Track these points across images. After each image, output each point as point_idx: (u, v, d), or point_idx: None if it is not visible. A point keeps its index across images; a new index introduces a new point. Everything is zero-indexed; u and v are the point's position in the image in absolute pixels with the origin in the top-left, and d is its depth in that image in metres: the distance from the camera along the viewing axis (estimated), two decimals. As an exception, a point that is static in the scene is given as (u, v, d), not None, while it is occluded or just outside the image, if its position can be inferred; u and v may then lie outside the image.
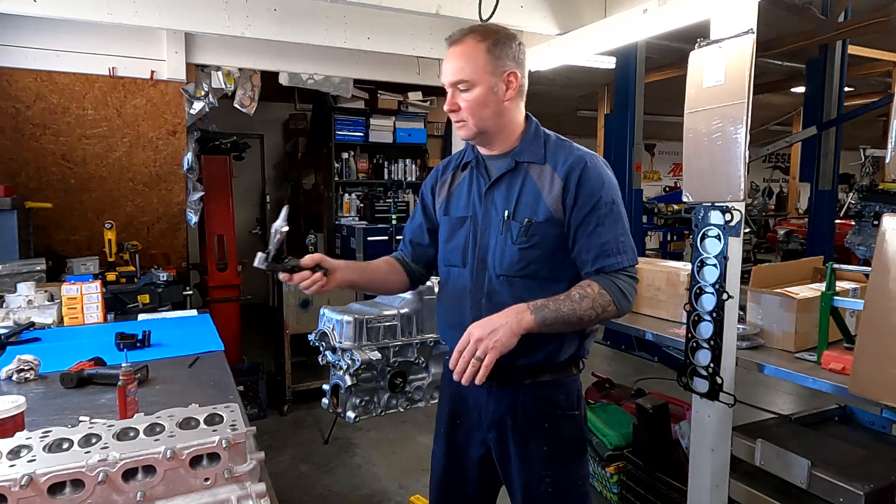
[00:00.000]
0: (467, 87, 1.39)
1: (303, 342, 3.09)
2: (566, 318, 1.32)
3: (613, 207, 1.40)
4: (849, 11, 5.33)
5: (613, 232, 1.39)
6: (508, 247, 1.42)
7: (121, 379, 1.43)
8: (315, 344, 2.24)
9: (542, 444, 1.48)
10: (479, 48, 1.38)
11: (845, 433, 2.39)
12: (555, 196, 1.39)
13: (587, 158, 1.42)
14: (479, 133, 1.44)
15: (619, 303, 1.36)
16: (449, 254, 1.56)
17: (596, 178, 1.40)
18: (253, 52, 3.76)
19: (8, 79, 3.28)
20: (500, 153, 1.48)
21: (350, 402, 2.14)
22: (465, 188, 1.55)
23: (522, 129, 1.49)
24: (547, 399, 1.48)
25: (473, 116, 1.41)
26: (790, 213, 10.35)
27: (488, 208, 1.47)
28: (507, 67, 1.39)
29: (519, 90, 1.44)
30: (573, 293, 1.34)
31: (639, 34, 2.63)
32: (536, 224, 1.40)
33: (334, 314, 2.18)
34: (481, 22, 1.46)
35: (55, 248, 3.55)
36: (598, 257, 1.38)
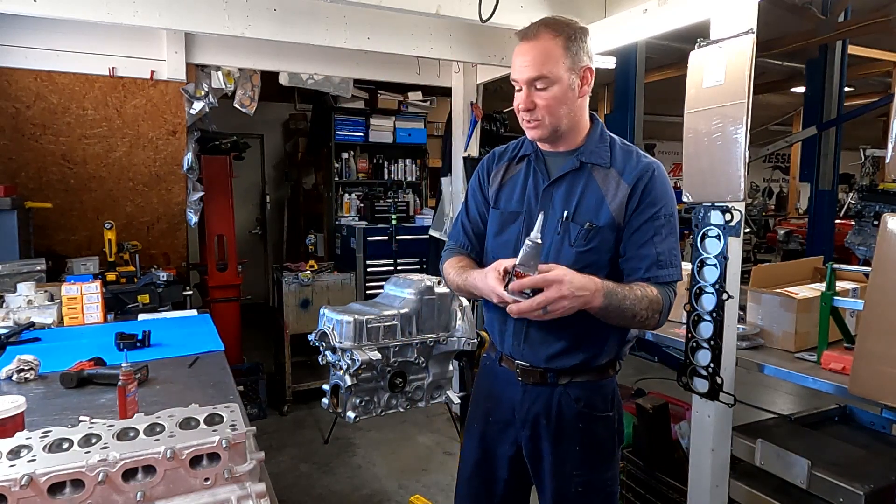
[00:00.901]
0: (546, 84, 1.34)
1: (303, 342, 3.09)
2: (623, 313, 1.30)
3: (671, 220, 1.39)
4: (849, 11, 5.33)
5: (668, 244, 1.37)
6: (565, 248, 1.39)
7: (121, 379, 1.43)
8: (315, 344, 2.24)
9: (576, 444, 1.47)
10: (557, 44, 1.34)
11: (845, 433, 2.39)
12: (619, 202, 1.37)
13: (654, 167, 1.40)
14: (553, 131, 1.39)
15: (664, 313, 1.36)
16: (499, 248, 1.50)
17: (661, 188, 1.38)
18: (253, 52, 3.76)
19: (8, 79, 3.27)
20: (564, 151, 1.45)
21: (350, 402, 2.14)
22: (519, 182, 1.50)
23: (588, 129, 1.45)
24: (583, 400, 1.46)
25: (551, 115, 1.37)
26: (790, 213, 10.35)
27: (546, 207, 1.42)
28: (584, 63, 1.36)
29: (588, 88, 1.40)
30: (636, 290, 1.31)
31: (639, 34, 2.63)
32: (597, 229, 1.37)
33: (334, 314, 2.18)
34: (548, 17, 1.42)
35: (55, 248, 3.55)
36: (651, 266, 1.36)
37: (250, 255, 6.47)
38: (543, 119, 1.37)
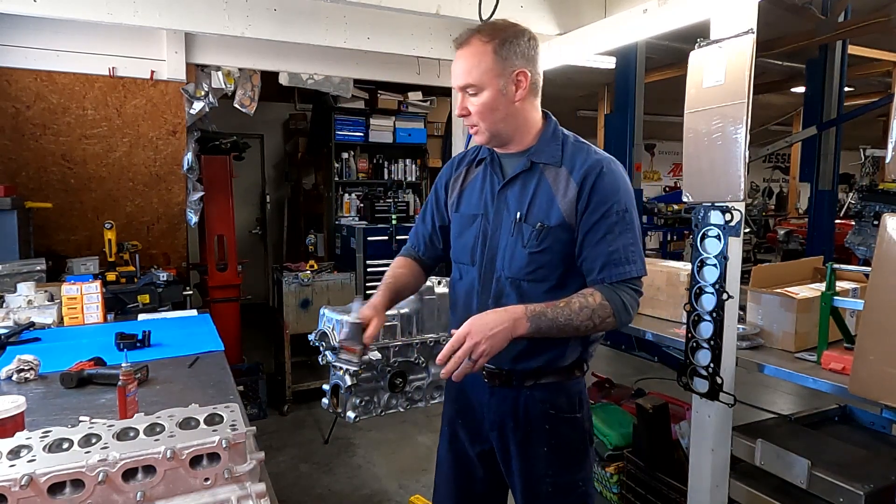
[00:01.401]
0: (476, 90, 1.35)
1: (303, 342, 3.09)
2: (561, 327, 1.29)
3: (626, 216, 1.36)
4: (849, 11, 5.33)
5: (623, 241, 1.34)
6: (518, 250, 1.40)
7: (121, 379, 1.43)
8: (315, 344, 2.24)
9: (543, 446, 1.47)
10: (486, 49, 1.33)
11: (845, 433, 2.39)
12: (569, 201, 1.36)
13: (604, 163, 1.37)
14: (494, 136, 1.41)
15: (619, 315, 1.33)
16: (459, 251, 1.53)
17: (611, 184, 1.35)
18: (253, 52, 3.76)
19: (8, 79, 3.27)
20: (517, 152, 1.45)
21: (350, 402, 2.13)
22: (478, 185, 1.52)
23: (540, 128, 1.45)
24: (548, 401, 1.46)
25: (485, 121, 1.38)
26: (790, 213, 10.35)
27: (500, 208, 1.44)
28: (516, 67, 1.34)
29: (531, 88, 1.39)
30: (573, 302, 1.31)
31: (639, 34, 2.63)
32: (549, 229, 1.37)
33: (334, 314, 2.17)
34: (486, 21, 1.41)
35: (55, 248, 3.55)
36: (605, 265, 1.34)
37: (250, 255, 6.47)
38: (479, 124, 1.39)
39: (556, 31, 2.98)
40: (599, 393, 3.59)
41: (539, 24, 2.90)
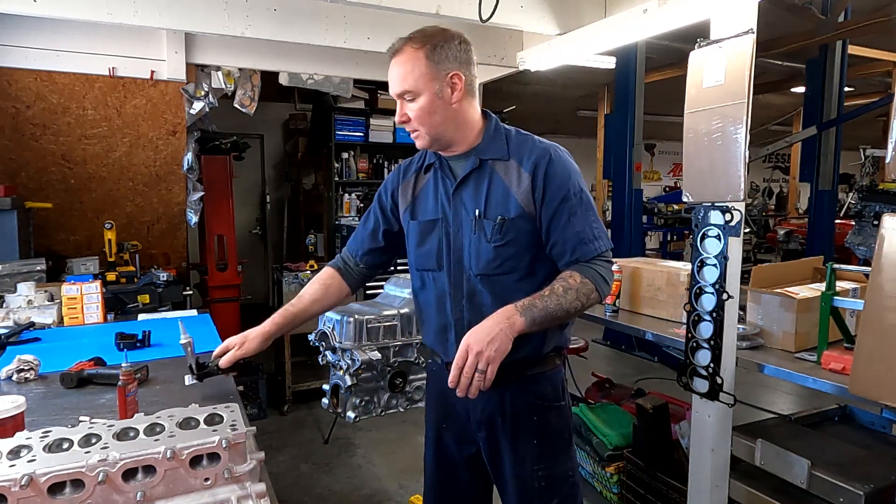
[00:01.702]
0: (412, 96, 1.38)
1: (303, 342, 3.09)
2: (554, 314, 1.32)
3: (583, 196, 1.41)
4: (849, 11, 5.33)
5: (586, 220, 1.40)
6: (483, 245, 1.42)
7: (121, 379, 1.43)
8: (315, 344, 2.24)
9: (533, 438, 1.49)
10: (419, 56, 1.36)
11: (845, 433, 2.39)
12: (524, 191, 1.39)
13: (551, 151, 1.42)
14: (435, 140, 1.43)
15: (600, 288, 1.38)
16: (422, 258, 1.54)
17: (562, 170, 1.40)
18: (253, 52, 3.76)
19: (8, 79, 3.27)
20: (462, 153, 1.47)
21: (350, 402, 2.14)
22: (430, 191, 1.53)
23: (482, 127, 1.47)
24: (535, 392, 1.49)
25: (424, 125, 1.40)
26: (790, 213, 10.36)
27: (458, 209, 1.46)
28: (450, 70, 1.37)
29: (467, 90, 1.41)
30: (556, 287, 1.34)
31: (639, 34, 2.63)
32: (509, 221, 1.40)
33: (334, 314, 2.18)
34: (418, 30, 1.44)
35: (55, 248, 3.55)
36: (575, 247, 1.38)
37: (250, 255, 6.47)
38: (419, 129, 1.41)
39: (556, 31, 2.98)
40: (599, 393, 3.59)
41: (539, 24, 2.90)
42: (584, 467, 3.07)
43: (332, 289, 1.67)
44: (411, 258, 1.59)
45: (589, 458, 3.00)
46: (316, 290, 1.66)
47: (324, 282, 1.67)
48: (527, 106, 8.89)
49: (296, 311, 1.62)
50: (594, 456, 2.95)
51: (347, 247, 1.72)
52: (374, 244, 1.67)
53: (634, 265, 2.82)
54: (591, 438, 2.97)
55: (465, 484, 1.63)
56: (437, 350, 1.59)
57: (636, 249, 5.68)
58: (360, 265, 1.70)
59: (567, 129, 11.57)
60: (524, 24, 2.86)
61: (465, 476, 1.62)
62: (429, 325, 1.59)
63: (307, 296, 1.65)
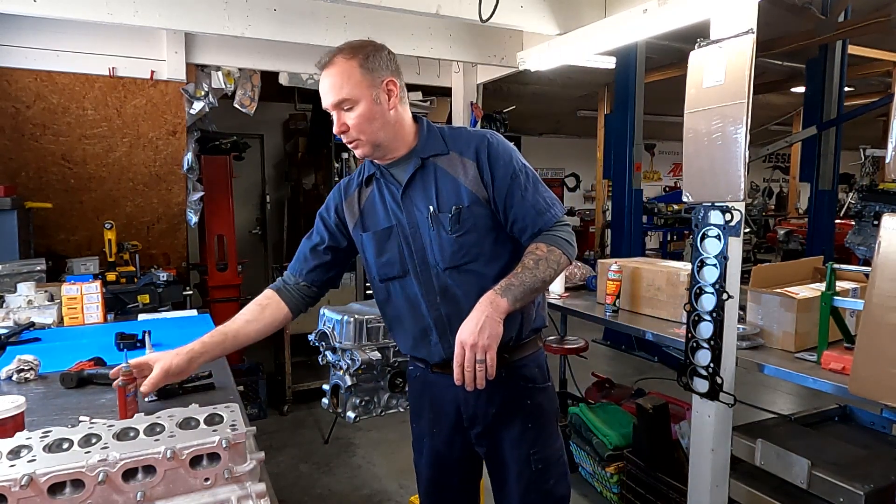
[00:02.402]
0: (350, 105, 1.39)
1: (303, 342, 3.09)
2: (532, 287, 1.35)
3: (527, 171, 1.46)
4: (849, 11, 5.32)
5: (537, 192, 1.45)
6: (445, 238, 1.44)
7: (121, 379, 1.43)
8: (315, 344, 2.24)
9: (527, 422, 1.53)
10: (352, 65, 1.38)
11: (845, 433, 2.39)
12: (472, 178, 1.43)
13: (488, 135, 1.46)
14: (376, 146, 1.44)
15: (567, 252, 1.42)
16: (384, 268, 1.53)
17: (503, 151, 1.45)
18: (253, 52, 3.75)
19: (8, 79, 3.27)
20: (402, 157, 1.48)
21: (350, 402, 2.14)
22: (377, 201, 1.53)
23: (415, 130, 1.50)
24: (524, 376, 1.54)
25: (364, 133, 1.41)
26: (790, 213, 10.36)
27: (410, 211, 1.48)
28: (384, 76, 1.40)
29: (402, 96, 1.45)
30: (527, 261, 1.37)
31: (639, 34, 2.63)
32: (465, 209, 1.43)
33: (334, 314, 2.18)
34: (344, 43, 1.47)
35: (55, 248, 3.55)
36: (535, 219, 1.43)
37: (250, 255, 6.47)
38: (360, 137, 1.41)
39: (556, 31, 2.97)
40: (599, 393, 3.59)
41: (539, 24, 2.90)
42: (584, 467, 3.07)
43: (269, 309, 1.58)
44: (372, 271, 1.57)
45: (589, 458, 3.00)
46: (252, 310, 1.58)
47: (260, 303, 1.60)
48: (527, 106, 8.89)
49: (227, 332, 1.51)
50: (594, 456, 2.95)
51: (289, 268, 1.66)
52: (319, 260, 1.62)
53: (634, 265, 2.82)
54: (591, 438, 2.96)
55: (456, 487, 1.67)
56: (420, 355, 1.58)
57: (636, 249, 5.68)
58: (301, 283, 1.63)
59: (567, 129, 11.57)
60: (524, 24, 2.85)
61: (456, 478, 1.65)
62: (405, 334, 1.58)
63: (241, 317, 1.56)
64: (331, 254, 1.63)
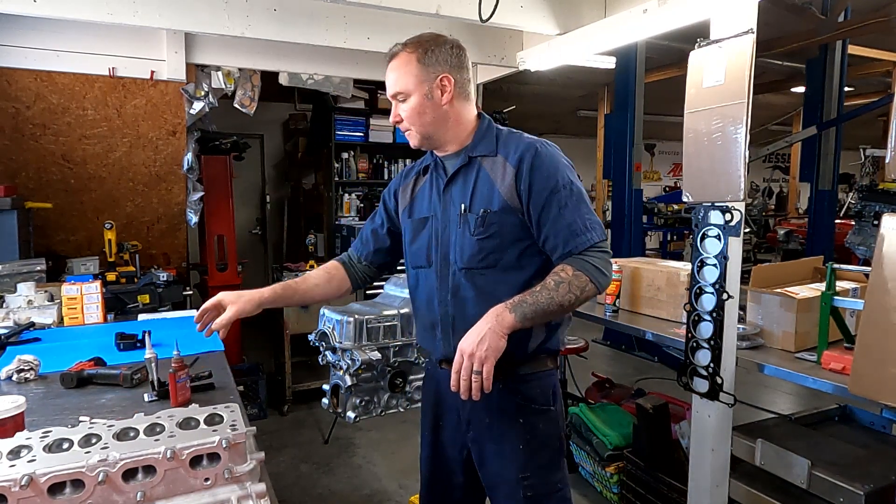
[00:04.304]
0: (404, 97, 1.44)
1: (303, 342, 3.09)
2: (546, 308, 1.31)
3: (573, 188, 1.40)
4: (849, 11, 5.32)
5: (578, 211, 1.38)
6: (467, 239, 1.44)
7: (172, 366, 1.51)
8: (315, 344, 2.24)
9: (519, 443, 1.47)
10: (411, 59, 1.42)
11: (845, 433, 2.39)
12: (508, 185, 1.40)
13: (537, 145, 1.43)
14: (426, 138, 1.48)
15: (596, 280, 1.35)
16: (414, 256, 1.57)
17: (549, 162, 1.40)
18: (253, 52, 3.76)
19: (8, 79, 3.27)
20: (454, 152, 1.50)
21: (350, 402, 2.14)
22: (426, 190, 1.57)
23: (474, 127, 1.51)
24: (521, 393, 1.48)
25: (414, 125, 1.45)
26: (790, 213, 10.36)
27: (447, 205, 1.50)
28: (440, 73, 1.42)
29: (459, 92, 1.46)
30: (548, 281, 1.33)
31: (639, 34, 2.63)
32: (492, 213, 1.41)
33: (334, 314, 2.18)
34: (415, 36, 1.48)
35: (55, 248, 3.54)
36: (567, 239, 1.37)
37: (250, 255, 6.47)
38: (410, 128, 1.47)
39: (556, 31, 2.98)
40: (599, 393, 3.59)
41: (539, 24, 2.90)
42: (584, 467, 3.07)
43: (335, 280, 1.69)
44: (406, 256, 1.62)
45: (589, 458, 3.00)
46: (320, 276, 1.69)
47: (328, 271, 1.70)
48: (527, 106, 8.90)
49: (296, 288, 1.63)
50: (594, 456, 2.95)
51: (353, 245, 1.76)
52: (379, 244, 1.71)
53: (634, 265, 2.82)
54: (591, 438, 2.96)
55: (459, 488, 1.63)
56: (427, 348, 1.62)
57: (636, 249, 5.68)
58: (363, 263, 1.72)
59: (567, 129, 11.56)
60: (524, 24, 2.86)
61: (459, 479, 1.62)
62: (419, 323, 1.62)
63: (311, 278, 1.68)
64: (389, 238, 1.69)
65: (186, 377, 1.55)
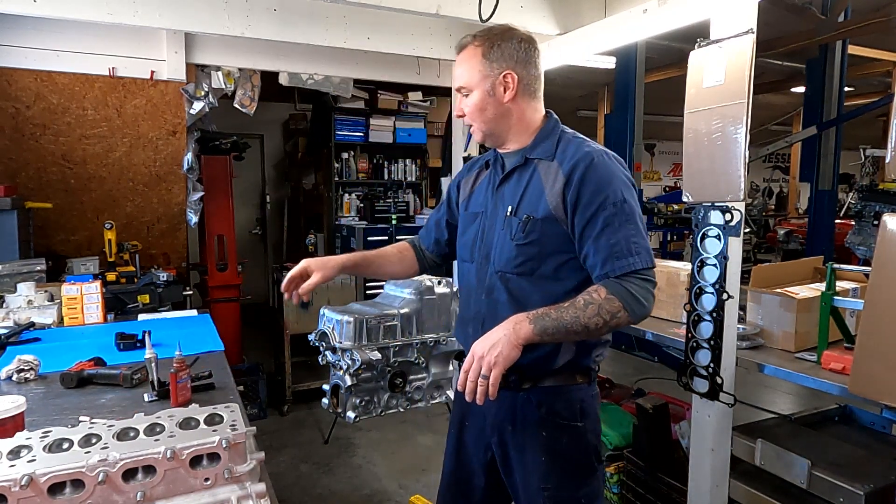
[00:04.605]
0: (467, 92, 1.42)
1: (303, 342, 3.09)
2: (569, 327, 1.26)
3: (624, 206, 1.31)
4: (849, 11, 5.32)
5: (623, 232, 1.30)
6: (507, 243, 1.41)
7: (173, 366, 1.51)
8: (315, 344, 2.24)
9: (540, 455, 1.43)
10: (476, 53, 1.39)
11: (845, 433, 2.39)
12: (556, 193, 1.35)
13: (594, 155, 1.34)
14: (488, 134, 1.46)
15: (631, 308, 1.28)
16: (461, 249, 1.58)
17: (603, 175, 1.32)
18: (253, 52, 3.76)
19: (8, 79, 3.27)
20: (514, 150, 1.47)
21: (350, 402, 2.14)
22: (484, 185, 1.55)
23: (539, 126, 1.46)
24: (545, 405, 1.43)
25: (475, 120, 1.43)
26: (790, 213, 10.35)
27: (497, 203, 1.47)
28: (504, 69, 1.38)
29: (523, 89, 1.41)
30: (578, 300, 1.28)
31: (639, 34, 2.63)
32: (534, 221, 1.37)
33: (334, 314, 2.18)
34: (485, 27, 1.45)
35: (55, 248, 3.54)
36: (606, 260, 1.30)
37: (250, 255, 6.47)
38: (473, 124, 1.45)
39: (556, 31, 2.98)
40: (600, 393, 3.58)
41: (539, 24, 2.90)
42: (584, 467, 3.07)
43: (406, 261, 1.73)
44: (456, 246, 1.63)
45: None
46: (393, 254, 1.71)
47: (400, 251, 1.73)
48: (527, 106, 8.87)
49: (372, 261, 1.67)
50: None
51: (420, 232, 1.78)
52: (438, 234, 1.71)
53: (634, 265, 2.81)
54: (591, 438, 2.96)
55: (480, 490, 1.58)
56: (460, 343, 1.61)
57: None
58: (426, 251, 1.74)
59: (567, 128, 11.54)
60: (524, 24, 2.83)
61: (480, 482, 1.58)
62: (458, 317, 1.63)
63: (387, 255, 1.71)
64: (447, 230, 1.69)
65: (188, 377, 1.56)
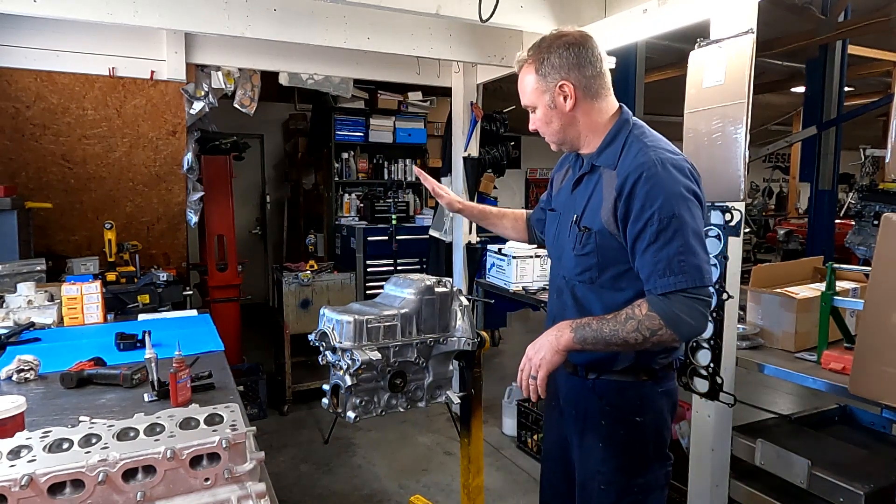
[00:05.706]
0: (532, 109, 1.47)
1: (303, 342, 3.09)
2: (608, 339, 1.30)
3: (672, 222, 1.26)
4: (849, 11, 5.33)
5: (669, 250, 1.25)
6: (568, 251, 1.47)
7: (173, 366, 1.52)
8: (315, 344, 2.24)
9: (598, 441, 1.48)
10: (529, 71, 1.43)
11: (845, 433, 2.39)
12: (609, 207, 1.34)
13: (649, 165, 1.29)
14: (561, 144, 1.49)
15: (674, 326, 1.25)
16: (547, 241, 1.66)
17: (653, 189, 1.27)
18: (253, 52, 3.75)
19: (8, 79, 3.27)
20: (587, 154, 1.48)
21: (350, 402, 2.13)
22: (568, 184, 1.58)
23: (608, 127, 1.45)
24: (605, 398, 1.47)
25: (545, 133, 1.48)
26: (790, 213, 10.35)
27: (570, 207, 1.51)
28: (557, 81, 1.39)
29: (583, 93, 1.40)
30: (621, 314, 1.30)
31: (639, 34, 2.63)
32: (591, 233, 1.40)
33: (334, 314, 2.18)
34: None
35: (55, 248, 3.54)
36: (650, 276, 1.28)
37: (250, 255, 6.47)
38: (546, 137, 1.50)
39: (556, 31, 2.97)
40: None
41: (539, 24, 2.90)
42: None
43: (519, 224, 1.86)
44: None
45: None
46: (511, 217, 1.87)
47: (517, 218, 1.86)
48: (527, 106, 8.87)
49: (490, 214, 1.87)
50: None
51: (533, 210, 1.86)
52: (539, 215, 1.78)
53: (634, 265, 2.81)
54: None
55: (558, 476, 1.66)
56: None
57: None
58: (533, 227, 1.83)
59: (567, 129, 11.54)
60: (524, 24, 2.86)
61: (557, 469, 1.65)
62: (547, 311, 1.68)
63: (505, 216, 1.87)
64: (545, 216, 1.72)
65: (188, 377, 1.56)
